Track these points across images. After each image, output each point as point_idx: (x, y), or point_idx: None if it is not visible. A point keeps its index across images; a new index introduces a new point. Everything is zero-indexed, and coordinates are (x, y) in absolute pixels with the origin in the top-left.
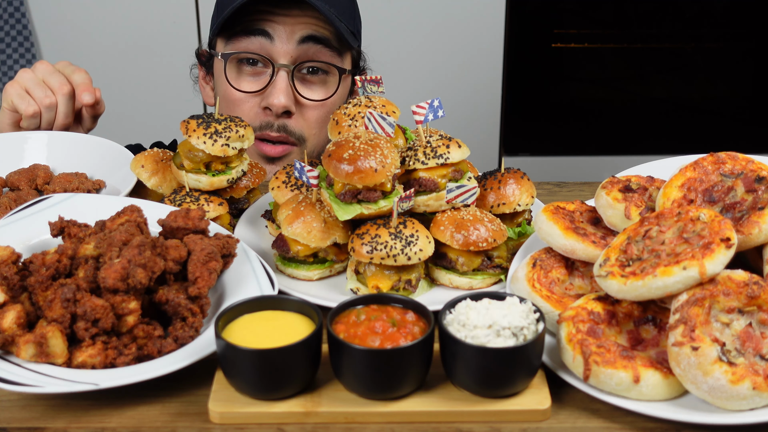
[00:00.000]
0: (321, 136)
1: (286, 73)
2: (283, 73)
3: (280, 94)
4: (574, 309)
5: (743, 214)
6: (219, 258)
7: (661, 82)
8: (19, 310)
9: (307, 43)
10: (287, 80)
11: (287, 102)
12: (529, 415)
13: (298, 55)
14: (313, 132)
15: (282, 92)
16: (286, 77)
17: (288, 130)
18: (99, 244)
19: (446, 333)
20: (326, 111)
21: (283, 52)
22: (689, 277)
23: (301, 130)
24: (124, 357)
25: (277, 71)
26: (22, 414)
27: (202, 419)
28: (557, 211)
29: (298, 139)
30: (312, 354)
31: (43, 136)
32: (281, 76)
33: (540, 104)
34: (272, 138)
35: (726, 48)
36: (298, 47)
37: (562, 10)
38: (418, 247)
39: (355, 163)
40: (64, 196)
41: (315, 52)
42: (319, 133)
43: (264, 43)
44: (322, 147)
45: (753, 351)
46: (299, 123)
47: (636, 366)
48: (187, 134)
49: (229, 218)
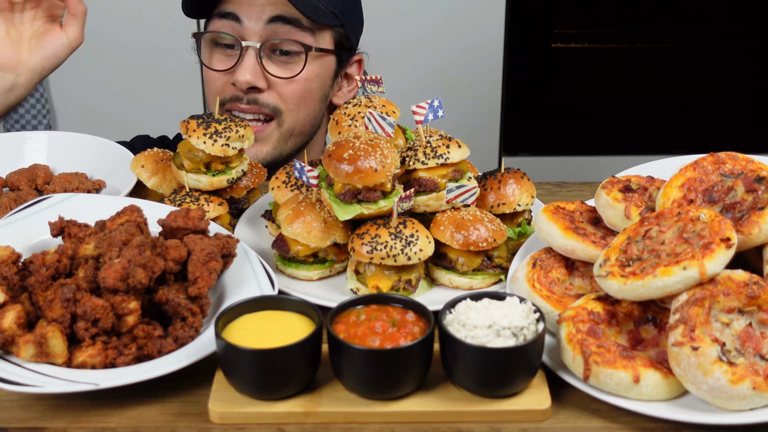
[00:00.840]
0: (301, 112)
1: (254, 51)
2: (252, 52)
3: (245, 72)
4: (574, 309)
5: (743, 214)
6: (219, 258)
7: (661, 82)
8: (19, 310)
9: (275, 23)
10: (255, 58)
11: (252, 78)
12: (529, 415)
13: (267, 34)
14: (290, 107)
15: (247, 70)
16: (254, 55)
17: (259, 102)
18: (99, 244)
19: (446, 333)
20: (300, 87)
21: (252, 33)
22: (689, 277)
23: (275, 103)
24: (124, 357)
25: (245, 50)
26: (22, 414)
27: (202, 419)
28: (557, 211)
29: (272, 110)
30: (312, 354)
31: (43, 136)
32: (248, 54)
33: (540, 104)
34: (243, 110)
35: (726, 48)
36: (267, 27)
37: (562, 10)
38: (418, 247)
39: (355, 163)
40: (64, 196)
41: (285, 32)
42: (298, 109)
43: (234, 25)
44: (303, 124)
45: (753, 351)
46: (272, 97)
47: (636, 366)
48: (187, 134)
49: (229, 218)
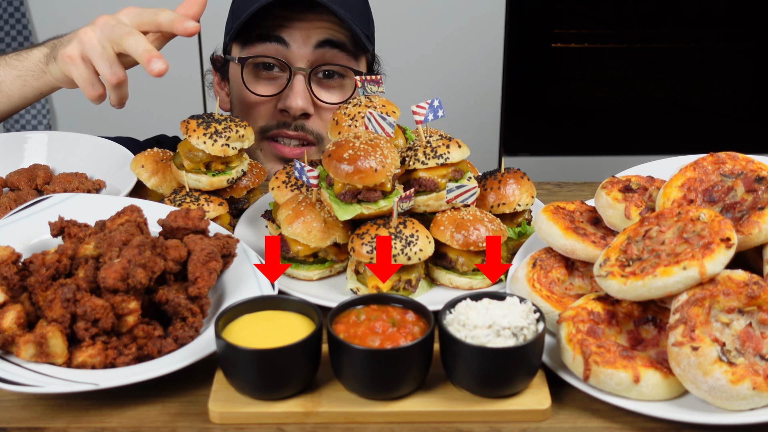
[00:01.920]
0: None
1: (303, 77)
2: (300, 77)
3: (297, 97)
4: (574, 309)
5: (743, 214)
6: (219, 258)
7: (661, 82)
8: (19, 310)
9: (323, 48)
10: (304, 83)
11: (305, 105)
12: (529, 415)
13: (315, 59)
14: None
15: (299, 95)
16: (303, 80)
17: (306, 129)
18: (99, 244)
19: (446, 333)
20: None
21: (300, 57)
22: (689, 277)
23: (319, 130)
24: (124, 357)
25: (294, 75)
26: (22, 414)
27: (202, 419)
28: (557, 211)
29: (316, 137)
30: (312, 354)
31: (43, 136)
32: (298, 79)
33: (540, 104)
34: (290, 136)
35: (726, 48)
36: (315, 51)
37: (562, 10)
38: (418, 247)
39: (355, 163)
40: (64, 196)
41: (332, 56)
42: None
43: (280, 48)
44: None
45: (753, 351)
46: (317, 123)
47: (636, 366)
48: (187, 134)
49: (229, 218)
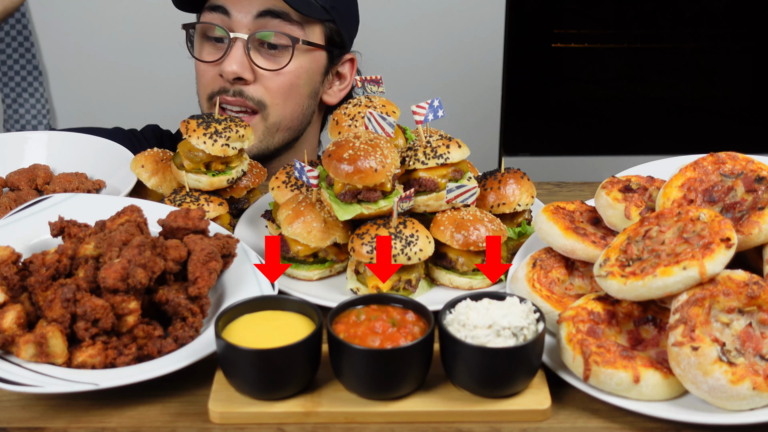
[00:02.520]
0: (287, 106)
1: (242, 43)
2: (240, 43)
3: (232, 62)
4: (574, 309)
5: (743, 214)
6: (219, 258)
7: (661, 82)
8: (19, 310)
9: (264, 17)
10: (242, 50)
11: (238, 69)
12: (529, 415)
13: (256, 27)
14: (276, 101)
15: (234, 60)
16: (242, 47)
17: (244, 95)
18: (99, 244)
19: (446, 333)
20: (287, 80)
21: (241, 25)
22: (689, 277)
23: (261, 97)
24: (124, 357)
25: (233, 41)
26: (22, 414)
27: (202, 419)
28: (557, 211)
29: (257, 104)
30: (312, 354)
31: (43, 136)
32: (236, 45)
33: (540, 104)
34: (229, 102)
35: (726, 48)
36: (256, 20)
37: (562, 10)
38: (418, 247)
39: (355, 163)
40: (64, 196)
41: (274, 26)
42: (284, 103)
43: (224, 17)
44: (290, 119)
45: (753, 351)
46: (258, 90)
47: (636, 366)
48: (187, 134)
49: (229, 218)
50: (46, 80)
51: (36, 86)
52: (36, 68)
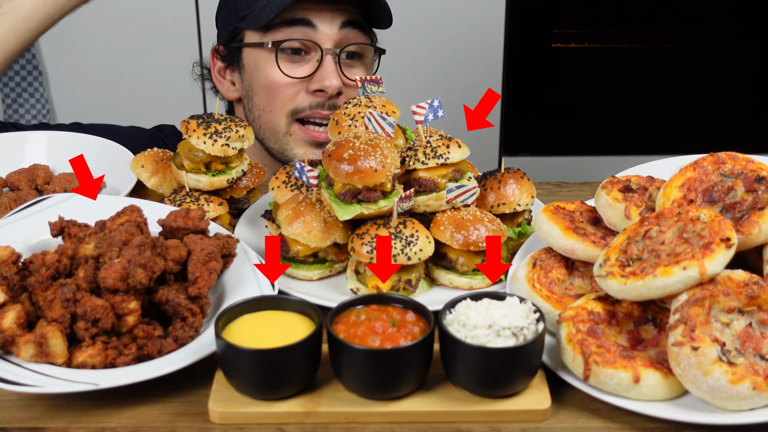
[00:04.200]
0: None
1: (332, 57)
2: (330, 57)
3: (332, 77)
4: (574, 309)
5: (743, 214)
6: (219, 258)
7: (661, 82)
8: (19, 310)
9: (346, 28)
10: (335, 63)
11: (339, 83)
12: (529, 415)
13: (340, 39)
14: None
15: (334, 74)
16: (333, 60)
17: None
18: (99, 244)
19: (446, 333)
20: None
21: (327, 38)
22: (689, 277)
23: None
24: (124, 357)
25: (325, 55)
26: (22, 414)
27: (202, 419)
28: (557, 211)
29: None
30: (312, 354)
31: (43, 136)
32: (328, 59)
33: (540, 104)
34: (325, 116)
35: (726, 48)
36: (340, 32)
37: (562, 10)
38: (418, 247)
39: (355, 163)
40: (64, 196)
41: (354, 36)
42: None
43: (307, 31)
44: None
45: (753, 351)
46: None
47: (636, 366)
48: (187, 134)
49: (229, 218)
50: (46, 80)
51: (36, 86)
52: (36, 68)
